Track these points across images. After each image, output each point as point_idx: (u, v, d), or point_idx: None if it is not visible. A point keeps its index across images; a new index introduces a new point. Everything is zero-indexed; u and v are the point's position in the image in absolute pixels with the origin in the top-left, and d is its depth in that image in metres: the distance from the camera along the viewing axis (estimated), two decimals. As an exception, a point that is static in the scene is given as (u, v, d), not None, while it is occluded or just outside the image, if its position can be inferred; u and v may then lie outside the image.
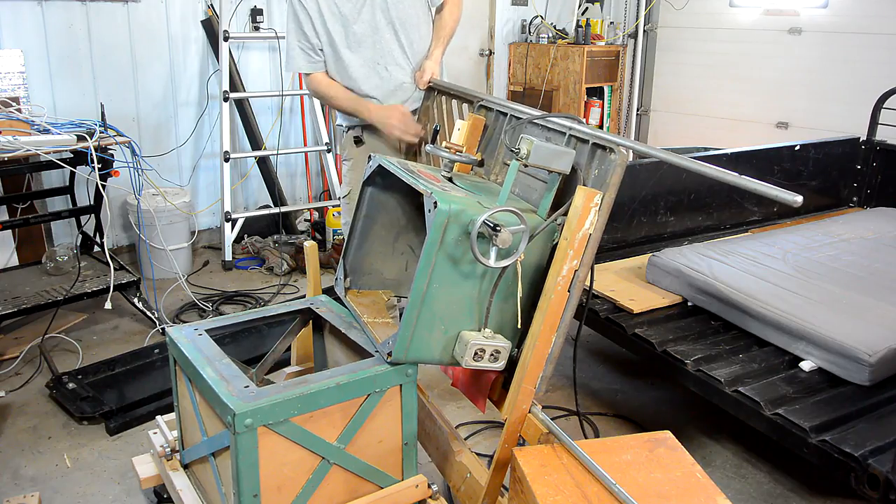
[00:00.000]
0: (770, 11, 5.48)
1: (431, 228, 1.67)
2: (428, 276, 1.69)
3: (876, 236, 3.19)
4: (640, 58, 6.34)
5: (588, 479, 1.63)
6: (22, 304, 3.07)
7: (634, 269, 2.99)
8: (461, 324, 1.79)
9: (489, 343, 1.77)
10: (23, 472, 2.41)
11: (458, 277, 1.73)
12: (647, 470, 1.64)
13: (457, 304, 1.76)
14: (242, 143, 4.64)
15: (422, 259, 1.69)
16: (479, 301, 1.78)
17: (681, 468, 1.67)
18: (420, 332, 1.75)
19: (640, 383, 3.05)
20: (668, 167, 3.33)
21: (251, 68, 4.60)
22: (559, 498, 1.58)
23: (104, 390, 2.82)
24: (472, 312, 1.79)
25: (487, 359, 1.78)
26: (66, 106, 3.83)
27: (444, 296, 1.74)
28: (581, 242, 1.70)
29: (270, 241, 4.39)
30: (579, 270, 1.73)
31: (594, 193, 1.70)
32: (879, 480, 1.77)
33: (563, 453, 1.70)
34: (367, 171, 2.01)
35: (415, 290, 1.72)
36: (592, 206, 1.69)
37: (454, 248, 1.69)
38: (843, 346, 2.17)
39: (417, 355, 1.78)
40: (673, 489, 1.60)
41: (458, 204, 1.67)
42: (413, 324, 1.73)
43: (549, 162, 1.76)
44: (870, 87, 4.15)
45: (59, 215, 3.64)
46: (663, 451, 1.72)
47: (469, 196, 1.79)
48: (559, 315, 1.75)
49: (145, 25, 4.11)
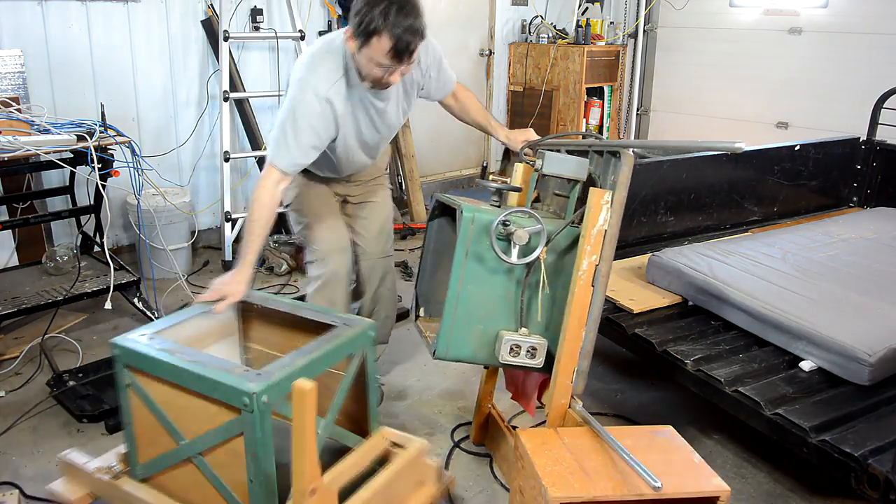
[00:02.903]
0: (770, 11, 5.49)
1: (459, 232, 1.86)
2: (460, 277, 1.87)
3: (876, 236, 3.19)
4: (640, 58, 6.34)
5: (587, 456, 1.70)
6: (22, 304, 3.07)
7: (634, 269, 3.00)
8: (499, 323, 1.93)
9: (525, 340, 1.89)
10: (23, 471, 2.41)
11: (489, 276, 1.89)
12: (646, 453, 1.69)
13: (491, 303, 1.91)
14: (242, 143, 4.64)
15: (454, 261, 1.87)
16: (513, 300, 1.92)
17: (678, 454, 1.75)
18: (459, 331, 1.90)
19: (640, 383, 3.05)
20: (669, 167, 3.36)
21: (251, 68, 4.60)
22: (558, 468, 1.65)
23: (104, 389, 2.81)
24: (509, 312, 1.93)
25: (524, 355, 1.90)
26: (66, 106, 3.83)
27: (477, 295, 1.89)
28: (597, 238, 1.83)
29: (270, 241, 4.39)
30: (600, 265, 1.84)
31: (603, 192, 1.82)
32: (879, 480, 1.77)
33: (565, 435, 1.77)
34: (430, 210, 2.23)
35: (451, 290, 1.88)
36: (603, 204, 1.82)
37: (482, 250, 1.87)
38: (843, 346, 2.17)
39: (458, 352, 1.93)
40: (669, 469, 1.65)
41: (481, 212, 1.87)
42: (452, 321, 1.88)
43: (562, 170, 1.95)
44: (870, 87, 4.15)
45: (59, 215, 3.63)
46: (662, 440, 1.80)
47: (502, 210, 1.96)
48: (585, 309, 1.85)
49: (145, 25, 4.11)
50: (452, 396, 2.91)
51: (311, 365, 1.73)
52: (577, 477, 1.61)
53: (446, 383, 3.01)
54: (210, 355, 1.80)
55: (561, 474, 1.62)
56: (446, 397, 2.90)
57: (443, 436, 2.64)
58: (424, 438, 1.97)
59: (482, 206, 1.96)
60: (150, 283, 3.66)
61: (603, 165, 1.95)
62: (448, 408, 2.83)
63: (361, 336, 1.88)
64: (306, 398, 1.48)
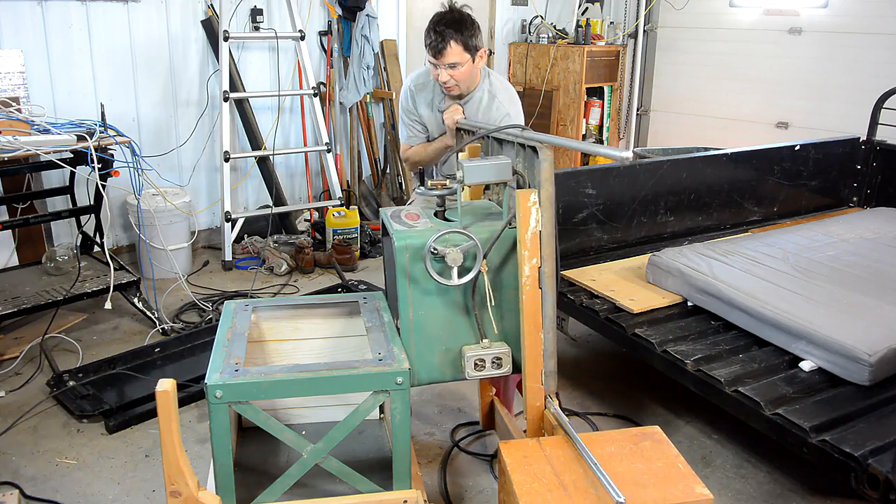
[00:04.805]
0: (770, 11, 5.48)
1: (396, 260, 1.83)
2: (409, 305, 1.84)
3: (876, 236, 3.19)
4: (640, 58, 6.34)
5: (567, 469, 1.67)
6: (22, 304, 3.07)
7: (634, 269, 3.00)
8: (460, 339, 1.90)
9: (487, 352, 1.87)
10: (23, 472, 2.41)
11: (437, 298, 1.86)
12: (629, 461, 1.68)
13: (446, 322, 1.88)
14: (242, 143, 4.64)
15: (399, 292, 1.83)
16: (467, 315, 1.89)
17: (663, 459, 1.72)
18: (422, 357, 1.88)
19: (640, 383, 3.05)
20: (669, 167, 3.35)
21: (251, 68, 4.60)
22: (536, 485, 1.63)
23: (104, 388, 2.82)
24: (466, 327, 1.90)
25: (490, 367, 1.88)
26: (66, 106, 3.83)
27: (431, 318, 1.87)
28: (533, 241, 1.78)
29: (270, 241, 4.39)
30: (543, 266, 1.80)
31: (529, 193, 1.76)
32: (879, 480, 1.77)
33: (547, 446, 1.76)
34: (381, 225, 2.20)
35: (403, 320, 1.86)
36: (531, 206, 1.76)
37: (422, 276, 1.82)
38: (843, 346, 2.17)
39: (427, 377, 1.91)
40: (651, 478, 1.64)
41: (413, 238, 1.83)
42: (412, 350, 1.86)
43: (484, 177, 1.87)
44: (870, 87, 4.15)
45: (59, 215, 3.63)
46: (648, 444, 1.77)
47: (436, 226, 1.92)
48: (538, 312, 1.82)
49: (145, 25, 4.11)
50: (452, 396, 2.91)
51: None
52: (555, 494, 1.59)
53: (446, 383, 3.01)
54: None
55: (539, 492, 1.60)
56: (446, 397, 2.90)
57: (443, 436, 2.64)
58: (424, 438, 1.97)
59: (418, 225, 1.91)
60: (150, 283, 3.66)
61: (529, 159, 1.88)
62: (448, 408, 2.83)
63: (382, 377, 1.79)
64: (168, 399, 1.49)
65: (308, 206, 4.83)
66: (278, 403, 2.18)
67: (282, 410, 2.18)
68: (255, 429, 2.05)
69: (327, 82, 4.89)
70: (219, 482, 1.72)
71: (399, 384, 1.73)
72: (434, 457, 2.53)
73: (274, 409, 2.16)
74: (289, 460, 1.96)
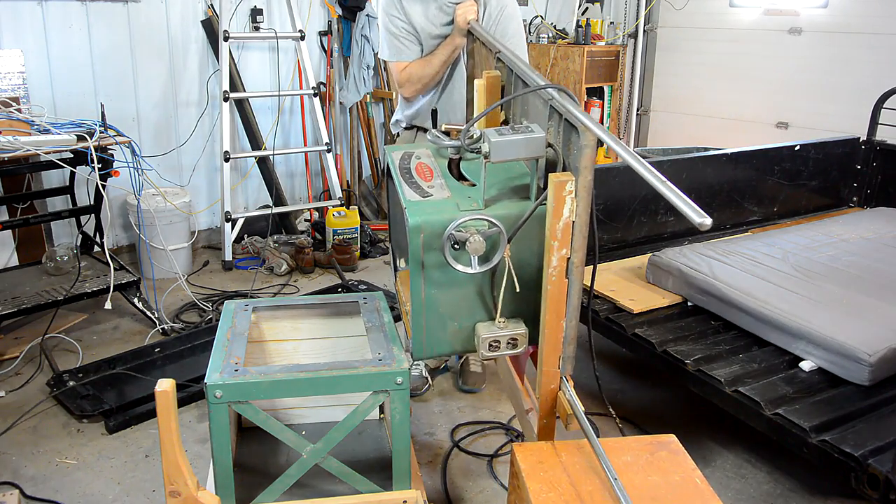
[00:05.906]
0: (770, 11, 5.48)
1: (410, 241, 1.67)
2: (422, 285, 1.72)
3: (876, 236, 3.19)
4: (640, 58, 6.34)
5: (584, 478, 1.62)
6: (22, 304, 3.07)
7: (634, 269, 2.99)
8: (474, 316, 1.80)
9: (503, 333, 1.76)
10: (23, 472, 2.41)
11: (453, 280, 1.73)
12: (646, 473, 1.63)
13: (461, 302, 1.77)
14: (242, 143, 4.64)
15: (411, 270, 1.71)
16: (484, 295, 1.78)
17: (680, 472, 1.66)
18: (432, 333, 1.78)
19: (640, 383, 3.05)
20: (669, 167, 3.35)
21: (251, 68, 4.60)
22: (552, 495, 1.58)
23: (104, 388, 2.82)
24: (481, 306, 1.80)
25: (505, 347, 1.78)
26: (66, 106, 3.83)
27: (445, 299, 1.75)
28: (564, 232, 1.62)
29: (270, 241, 4.39)
30: (572, 256, 1.66)
31: (565, 182, 1.57)
32: (879, 480, 1.77)
33: (562, 451, 1.71)
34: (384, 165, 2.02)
35: (414, 298, 1.73)
36: (566, 195, 1.58)
37: (439, 255, 1.67)
38: (843, 346, 2.17)
39: (436, 351, 1.82)
40: (669, 493, 1.59)
41: (430, 214, 1.66)
42: (423, 327, 1.77)
43: (516, 153, 1.65)
44: (870, 87, 4.15)
45: (59, 215, 3.63)
46: (664, 455, 1.72)
47: (454, 196, 1.75)
48: (562, 302, 1.72)
49: (145, 25, 4.11)
50: (452, 396, 2.91)
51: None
52: None
53: (446, 383, 3.01)
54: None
55: (556, 503, 1.59)
56: (446, 397, 2.90)
57: (443, 436, 2.64)
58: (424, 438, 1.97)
59: (432, 191, 1.74)
60: (150, 283, 3.66)
61: (565, 133, 1.66)
62: (448, 408, 2.83)
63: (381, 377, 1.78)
64: (167, 399, 1.49)
65: (308, 206, 4.83)
66: (278, 403, 2.17)
67: (282, 410, 2.18)
68: (255, 429, 2.05)
69: (327, 82, 4.89)
70: (218, 482, 1.72)
71: (399, 384, 1.73)
72: (434, 457, 2.53)
73: (274, 409, 2.16)
74: (288, 460, 1.95)
